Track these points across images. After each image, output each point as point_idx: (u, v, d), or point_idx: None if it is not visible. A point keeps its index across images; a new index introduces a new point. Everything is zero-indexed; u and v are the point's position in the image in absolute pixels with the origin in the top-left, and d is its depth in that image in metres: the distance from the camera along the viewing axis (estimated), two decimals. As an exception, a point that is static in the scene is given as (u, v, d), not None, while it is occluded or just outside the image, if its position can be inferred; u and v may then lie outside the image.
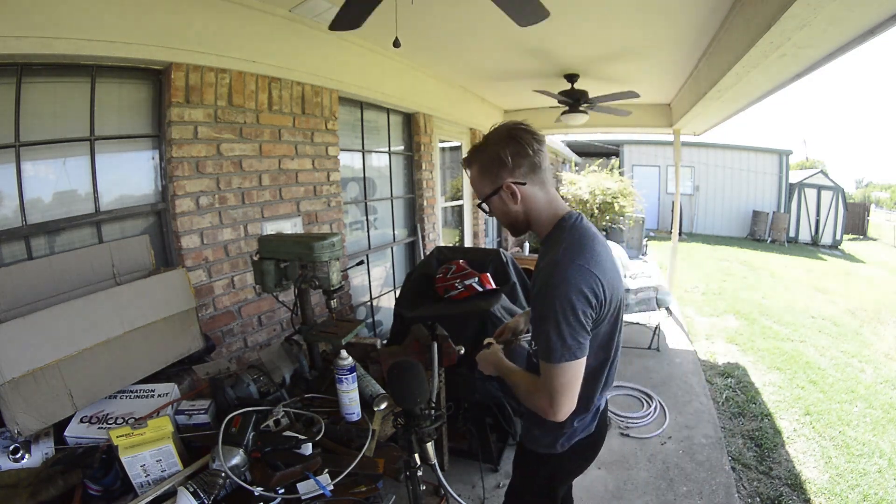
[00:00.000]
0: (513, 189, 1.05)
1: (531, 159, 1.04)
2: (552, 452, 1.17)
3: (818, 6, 1.54)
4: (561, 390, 0.97)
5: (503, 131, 1.06)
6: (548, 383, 0.98)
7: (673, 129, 5.04)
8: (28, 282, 1.32)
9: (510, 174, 1.05)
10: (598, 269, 0.98)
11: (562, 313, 0.94)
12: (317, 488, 1.03)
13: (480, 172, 1.09)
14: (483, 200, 1.11)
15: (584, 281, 0.95)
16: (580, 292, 0.94)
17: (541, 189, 1.08)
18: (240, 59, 2.10)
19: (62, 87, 1.64)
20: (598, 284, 0.97)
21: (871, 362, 4.27)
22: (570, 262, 0.97)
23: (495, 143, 1.05)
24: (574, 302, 0.94)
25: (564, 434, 1.15)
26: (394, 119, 3.61)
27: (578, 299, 0.94)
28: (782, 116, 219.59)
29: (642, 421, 2.89)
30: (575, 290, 0.94)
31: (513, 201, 1.06)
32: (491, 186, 1.07)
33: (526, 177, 1.05)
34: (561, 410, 0.99)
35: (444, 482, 1.02)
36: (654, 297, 4.06)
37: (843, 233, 13.32)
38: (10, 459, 1.09)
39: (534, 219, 1.10)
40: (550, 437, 1.16)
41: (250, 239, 2.21)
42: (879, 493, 2.37)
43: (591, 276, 0.96)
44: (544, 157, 1.07)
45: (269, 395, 1.36)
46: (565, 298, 0.94)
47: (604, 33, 2.81)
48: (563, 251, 0.99)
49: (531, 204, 1.08)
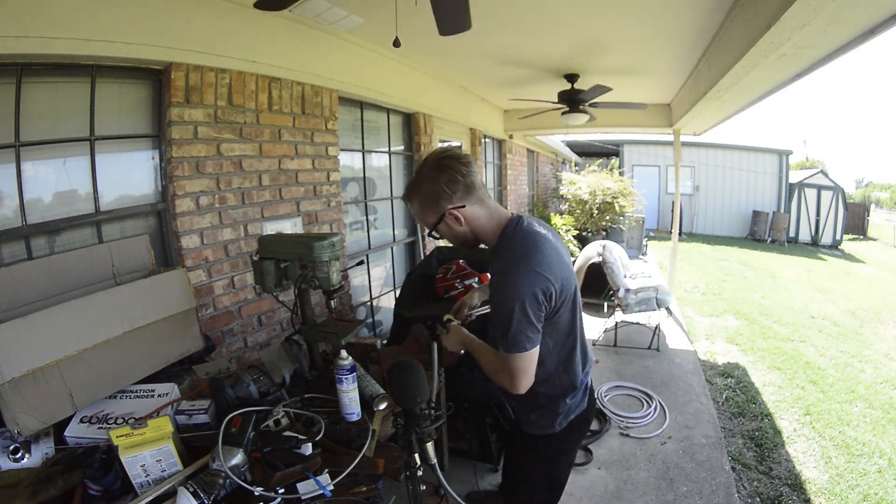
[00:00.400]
0: (455, 214, 1.14)
1: (463, 182, 1.13)
2: (550, 432, 1.28)
3: (818, 6, 1.54)
4: (517, 373, 1.10)
5: (432, 163, 1.15)
6: (508, 366, 1.11)
7: (673, 129, 5.04)
8: (28, 282, 1.31)
9: (448, 201, 1.14)
10: (545, 269, 1.08)
11: (515, 314, 1.05)
12: (317, 488, 1.03)
13: (422, 206, 1.18)
14: (431, 229, 1.20)
15: (535, 284, 1.06)
16: (531, 295, 1.05)
17: (479, 206, 1.17)
18: (240, 59, 2.10)
19: (62, 87, 1.64)
20: (547, 284, 1.07)
21: (871, 362, 4.27)
22: (519, 268, 1.07)
23: (428, 178, 1.15)
24: (525, 305, 1.05)
25: (560, 414, 1.26)
26: (394, 119, 3.61)
27: (529, 302, 1.05)
28: (782, 116, 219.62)
29: (642, 421, 2.89)
30: (526, 294, 1.05)
31: (458, 224, 1.16)
32: (435, 216, 1.17)
33: (463, 199, 1.14)
34: (520, 387, 1.12)
35: (444, 482, 1.02)
36: (654, 297, 4.06)
37: (843, 233, 13.31)
38: (10, 459, 1.09)
39: (480, 233, 1.19)
40: (548, 419, 1.26)
41: (250, 239, 2.21)
42: (879, 493, 2.37)
43: (540, 277, 1.07)
44: (475, 176, 1.16)
45: (269, 395, 1.36)
46: (517, 302, 1.05)
47: (604, 33, 2.81)
48: (513, 258, 1.10)
49: (475, 222, 1.17)
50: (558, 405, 1.25)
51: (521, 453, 1.40)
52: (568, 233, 7.27)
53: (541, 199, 9.25)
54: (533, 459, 1.38)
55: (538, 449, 1.34)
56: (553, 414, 1.26)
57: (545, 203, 9.39)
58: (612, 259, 4.20)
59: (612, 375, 3.56)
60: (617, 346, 4.14)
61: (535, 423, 1.29)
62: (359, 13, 2.38)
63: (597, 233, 7.92)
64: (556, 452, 1.36)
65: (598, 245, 4.51)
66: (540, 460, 1.37)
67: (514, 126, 6.01)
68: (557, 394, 1.24)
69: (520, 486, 1.45)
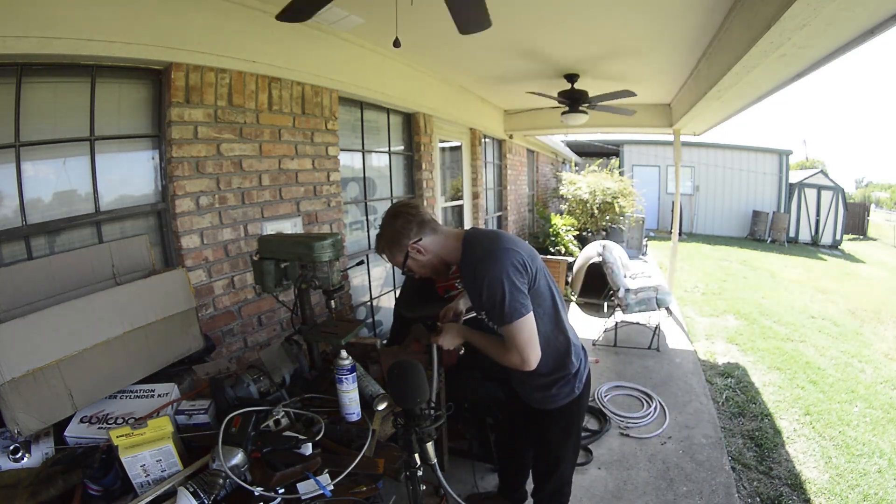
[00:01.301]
0: (416, 247, 1.33)
1: (415, 220, 1.33)
2: (574, 397, 1.45)
3: (818, 6, 1.54)
4: (525, 345, 1.23)
5: (388, 214, 1.37)
6: (514, 341, 1.24)
7: (673, 129, 5.03)
8: (28, 282, 1.32)
9: (407, 238, 1.32)
10: (512, 244, 1.28)
11: (505, 286, 1.20)
12: (317, 488, 1.03)
13: (390, 250, 1.36)
14: (403, 267, 1.37)
15: (510, 257, 1.23)
16: (511, 266, 1.22)
17: (434, 234, 1.35)
18: (240, 59, 2.10)
19: (62, 87, 1.64)
20: (518, 255, 1.25)
21: (871, 362, 4.27)
22: (492, 250, 1.25)
23: (387, 226, 1.35)
24: (510, 275, 1.21)
25: (577, 376, 1.44)
26: (394, 119, 3.61)
27: (512, 272, 1.21)
28: (782, 116, 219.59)
29: (642, 421, 2.89)
30: (508, 266, 1.21)
31: (421, 255, 1.34)
32: (401, 254, 1.35)
33: (419, 234, 1.33)
34: (531, 361, 1.25)
35: (444, 482, 1.02)
36: (654, 297, 4.06)
37: (843, 233, 13.32)
38: (10, 459, 1.09)
39: (444, 254, 1.36)
40: (569, 387, 1.43)
41: (250, 239, 2.21)
42: (879, 493, 2.37)
43: (511, 251, 1.25)
44: (425, 214, 1.36)
45: (269, 395, 1.37)
46: (503, 273, 1.20)
47: (604, 34, 2.81)
48: (485, 247, 1.27)
49: (434, 247, 1.35)
50: (569, 368, 1.41)
51: (548, 434, 1.55)
52: (568, 233, 7.26)
53: (541, 199, 9.25)
54: (563, 434, 1.54)
55: (566, 419, 1.50)
56: (570, 379, 1.42)
57: (545, 203, 9.38)
58: (612, 259, 4.20)
59: (612, 375, 3.56)
60: (617, 346, 4.14)
61: (557, 397, 1.44)
62: (359, 13, 2.38)
63: (597, 233, 7.92)
64: (579, 416, 1.55)
65: (598, 245, 4.51)
66: (569, 431, 1.54)
67: (514, 126, 6.01)
68: (563, 354, 1.40)
69: (556, 466, 1.58)
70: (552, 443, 1.57)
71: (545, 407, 1.49)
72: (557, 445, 1.57)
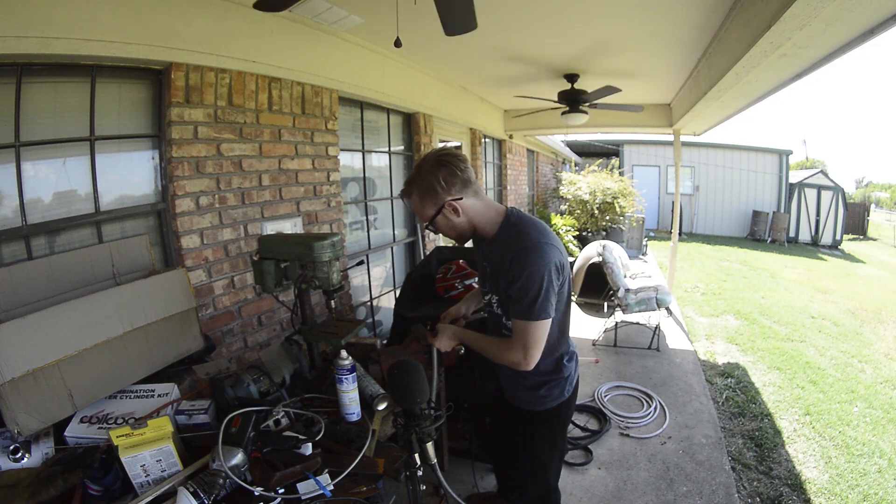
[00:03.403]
0: (454, 206, 1.22)
1: (461, 177, 1.21)
2: (562, 400, 1.39)
3: (818, 6, 1.53)
4: (533, 343, 1.20)
5: (432, 160, 1.23)
6: (524, 338, 1.19)
7: (673, 129, 5.04)
8: (28, 282, 1.31)
9: (447, 193, 1.21)
10: (557, 244, 1.23)
11: (545, 282, 1.16)
12: (317, 488, 1.03)
13: (421, 199, 1.24)
14: (429, 222, 1.26)
15: (556, 257, 1.19)
16: (554, 266, 1.18)
17: (476, 198, 1.25)
18: (240, 59, 2.10)
19: (62, 87, 1.64)
20: (561, 257, 1.22)
21: (871, 362, 4.27)
22: (541, 242, 1.19)
23: (428, 172, 1.21)
24: (552, 275, 1.17)
25: (568, 379, 1.39)
26: (394, 119, 3.61)
27: (553, 273, 1.18)
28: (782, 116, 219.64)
29: (642, 421, 2.89)
30: (552, 265, 1.18)
31: (455, 215, 1.24)
32: (433, 208, 1.23)
33: (461, 192, 1.22)
34: (531, 362, 1.21)
35: (444, 482, 1.02)
36: (654, 297, 4.06)
37: (843, 233, 13.32)
38: (10, 459, 1.09)
39: (479, 223, 1.27)
40: (559, 388, 1.37)
41: (250, 239, 2.21)
42: (879, 493, 2.37)
43: (557, 252, 1.21)
44: (471, 173, 1.25)
45: (269, 395, 1.36)
46: (547, 270, 1.16)
47: (603, 34, 2.81)
48: (533, 236, 1.20)
49: (472, 211, 1.25)
50: (563, 371, 1.36)
51: (533, 437, 1.44)
52: (568, 233, 7.26)
53: (541, 199, 9.25)
54: (547, 437, 1.44)
55: (551, 422, 1.42)
56: (561, 382, 1.37)
57: (545, 203, 9.38)
58: (612, 259, 4.20)
59: (612, 375, 3.55)
60: (617, 346, 4.14)
61: (547, 398, 1.37)
62: (359, 13, 2.38)
63: (597, 233, 7.92)
64: (566, 419, 1.48)
65: (598, 245, 4.51)
66: (554, 435, 1.46)
67: (514, 126, 6.01)
68: (560, 359, 1.36)
69: (539, 471, 1.49)
70: (535, 447, 1.46)
71: (531, 408, 1.41)
72: (541, 450, 1.46)
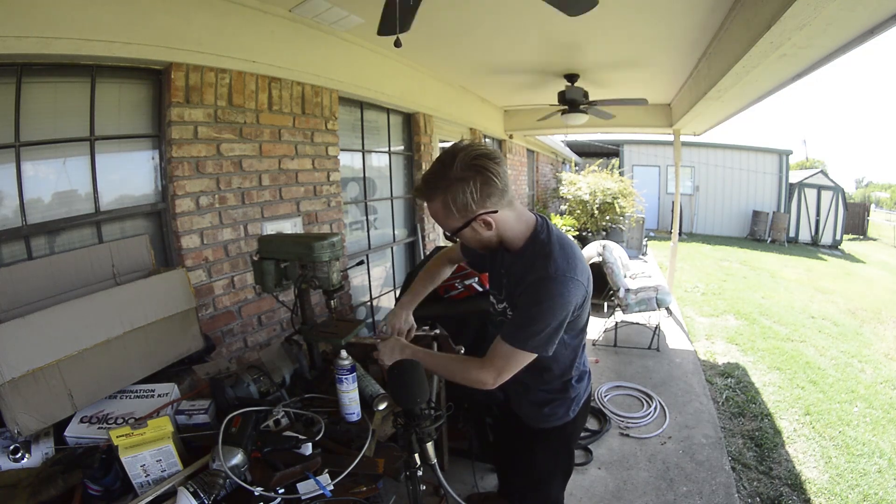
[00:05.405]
0: (486, 220, 1.05)
1: (499, 187, 1.03)
2: (567, 419, 1.30)
3: (818, 6, 1.53)
4: (509, 370, 1.10)
5: (466, 163, 1.00)
6: (502, 361, 1.09)
7: (673, 129, 5.03)
8: (28, 282, 1.31)
9: (482, 206, 1.03)
10: (583, 277, 1.08)
11: (554, 321, 1.05)
12: (317, 488, 1.03)
13: (446, 208, 1.04)
14: (454, 233, 1.09)
15: (578, 297, 1.07)
16: (571, 305, 1.06)
17: (510, 209, 1.08)
18: (240, 59, 2.10)
19: (62, 87, 1.64)
20: (584, 292, 1.09)
21: (871, 362, 4.27)
22: (566, 277, 1.05)
23: (460, 179, 1.00)
24: (565, 314, 1.06)
25: (575, 400, 1.30)
26: (394, 119, 3.61)
27: (570, 311, 1.07)
28: (782, 116, 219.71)
29: (642, 421, 2.89)
30: (570, 304, 1.06)
31: (486, 229, 1.07)
32: (461, 221, 1.05)
33: (497, 204, 1.05)
34: (497, 383, 1.11)
35: (444, 482, 1.02)
36: (654, 297, 4.06)
37: (843, 233, 13.32)
38: (10, 459, 1.09)
39: (507, 238, 1.12)
40: (564, 408, 1.29)
41: (250, 239, 2.21)
42: (879, 493, 2.37)
43: (580, 287, 1.07)
44: (507, 177, 1.05)
45: (269, 395, 1.36)
46: (563, 313, 1.05)
47: (604, 34, 2.80)
48: (556, 268, 1.05)
49: (504, 225, 1.09)
50: (570, 392, 1.28)
51: (534, 453, 1.38)
52: (568, 233, 7.26)
53: (541, 199, 9.25)
54: (550, 456, 1.37)
55: (554, 441, 1.34)
56: (567, 402, 1.29)
57: (545, 203, 9.38)
58: (612, 259, 4.20)
59: (612, 375, 3.56)
60: (617, 346, 4.14)
61: (551, 417, 1.30)
62: (359, 13, 2.38)
63: (597, 233, 7.92)
64: (572, 439, 1.39)
65: (598, 245, 4.51)
66: (557, 454, 1.38)
67: (514, 126, 6.01)
68: (569, 380, 1.28)
69: (539, 487, 1.41)
70: (537, 463, 1.38)
71: (534, 425, 1.34)
72: (543, 467, 1.38)
